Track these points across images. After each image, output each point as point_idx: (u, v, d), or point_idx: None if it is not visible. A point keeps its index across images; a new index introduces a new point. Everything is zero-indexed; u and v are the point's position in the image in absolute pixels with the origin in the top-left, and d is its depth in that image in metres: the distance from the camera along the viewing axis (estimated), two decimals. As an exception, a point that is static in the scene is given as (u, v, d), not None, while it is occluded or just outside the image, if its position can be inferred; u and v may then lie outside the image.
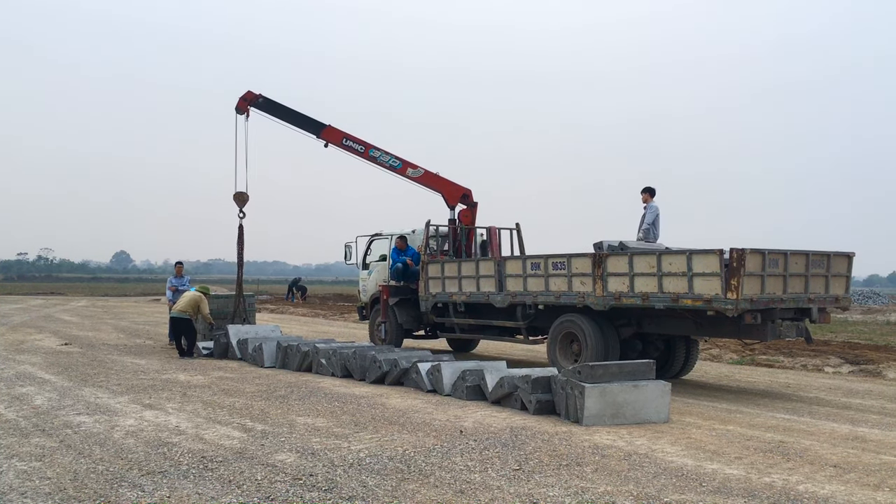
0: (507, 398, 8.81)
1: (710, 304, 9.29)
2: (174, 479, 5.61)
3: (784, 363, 14.38)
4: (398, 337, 14.79)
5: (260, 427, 7.49)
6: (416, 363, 10.30)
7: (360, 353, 11.23)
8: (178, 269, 17.52)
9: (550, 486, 5.52)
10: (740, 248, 9.00)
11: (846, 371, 13.44)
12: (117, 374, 11.46)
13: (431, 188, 15.49)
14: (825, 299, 10.14)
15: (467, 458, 6.29)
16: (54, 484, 5.47)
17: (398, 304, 14.67)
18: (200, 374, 11.62)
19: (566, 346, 11.43)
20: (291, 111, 16.23)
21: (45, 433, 7.14)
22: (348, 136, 15.89)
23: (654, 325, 10.88)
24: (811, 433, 7.73)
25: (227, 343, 13.96)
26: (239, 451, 6.48)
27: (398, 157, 15.60)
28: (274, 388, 10.17)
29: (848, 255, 10.44)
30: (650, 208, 11.89)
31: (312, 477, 5.67)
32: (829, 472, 6.11)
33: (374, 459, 6.20)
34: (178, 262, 17.96)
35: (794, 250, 9.65)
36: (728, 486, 5.57)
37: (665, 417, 8.10)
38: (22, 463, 6.04)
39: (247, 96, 16.05)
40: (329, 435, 7.15)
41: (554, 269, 11.26)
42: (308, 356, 12.07)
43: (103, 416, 8.03)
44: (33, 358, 13.46)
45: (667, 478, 5.78)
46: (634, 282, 10.05)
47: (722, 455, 6.59)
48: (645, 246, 11.06)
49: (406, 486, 5.48)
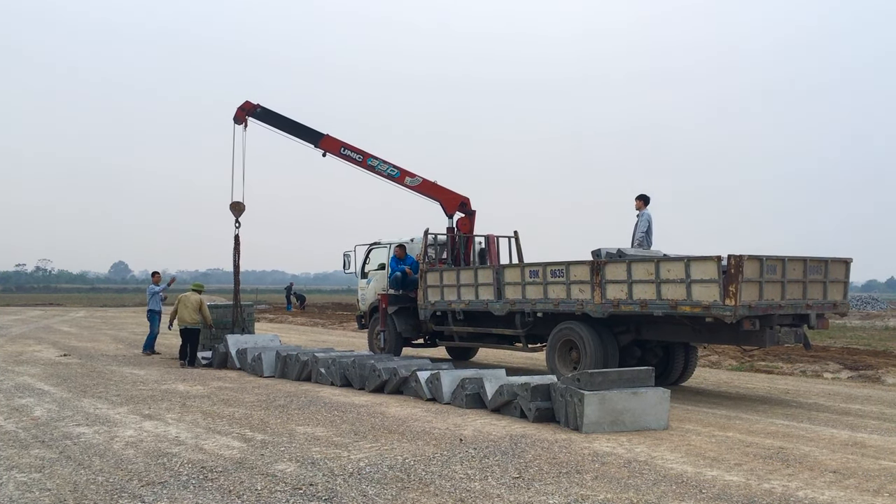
0: (506, 406, 8.81)
1: (708, 311, 9.30)
2: (174, 489, 5.61)
3: (783, 369, 14.38)
4: (397, 345, 14.79)
5: (260, 437, 7.49)
6: (415, 372, 10.30)
7: (360, 361, 11.23)
8: (156, 278, 17.78)
9: (550, 493, 5.52)
10: (738, 254, 9.02)
11: (845, 377, 13.45)
12: (116, 384, 11.45)
13: (430, 197, 15.52)
14: (823, 305, 10.16)
15: (467, 467, 6.29)
16: (54, 495, 5.46)
17: (397, 312, 14.68)
18: (200, 384, 11.61)
19: (565, 353, 11.43)
20: (289, 121, 16.27)
21: (45, 444, 7.14)
22: (346, 146, 15.92)
23: (653, 331, 10.88)
24: (810, 439, 7.73)
25: (226, 353, 13.95)
26: (239, 461, 6.48)
27: (396, 166, 15.63)
28: (273, 397, 10.16)
29: (845, 260, 10.47)
30: (643, 216, 11.88)
31: (312, 486, 5.67)
32: (829, 477, 6.12)
33: (373, 468, 6.20)
34: (155, 272, 18.27)
35: (792, 256, 9.68)
36: (728, 493, 5.57)
37: (664, 424, 8.11)
38: (22, 474, 6.04)
39: (245, 106, 16.08)
40: (329, 444, 7.15)
41: (552, 276, 11.27)
42: (307, 365, 12.07)
43: (103, 426, 8.03)
44: (32, 369, 13.45)
45: (667, 485, 5.78)
46: (633, 289, 10.07)
47: (722, 461, 6.59)
48: (643, 253, 11.08)
49: (406, 495, 5.48)
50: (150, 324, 16.85)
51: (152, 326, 16.80)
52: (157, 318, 16.87)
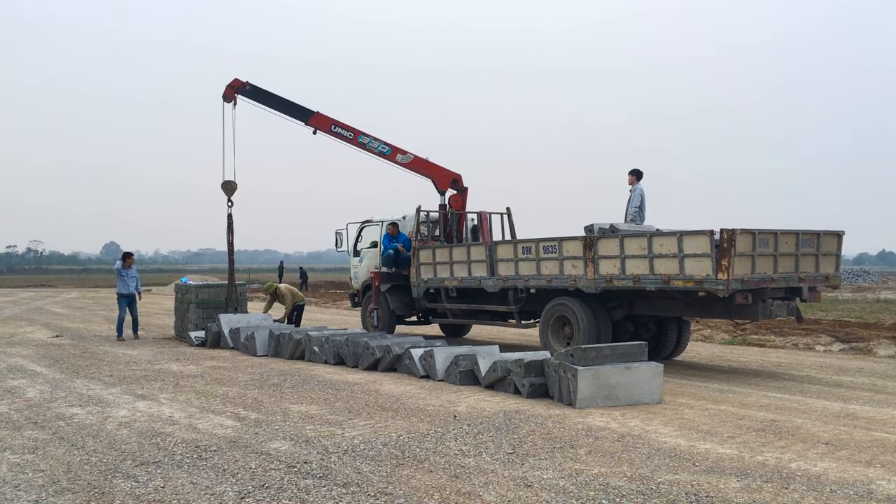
0: (500, 382, 8.83)
1: (701, 285, 9.31)
2: (168, 469, 5.60)
3: (775, 342, 14.46)
4: (390, 323, 14.79)
5: (253, 415, 7.48)
6: (408, 349, 10.30)
7: (353, 339, 11.22)
8: (129, 260, 15.93)
9: (544, 468, 5.54)
10: (730, 228, 9.01)
11: (837, 349, 13.53)
12: (109, 365, 11.41)
13: (421, 173, 15.45)
14: (815, 278, 10.18)
15: (461, 443, 6.30)
16: (48, 476, 5.44)
17: (390, 290, 14.66)
18: (193, 363, 11.59)
19: (558, 329, 11.45)
20: (279, 98, 16.13)
21: (38, 426, 7.11)
22: (337, 123, 15.81)
23: (646, 306, 10.90)
24: (803, 411, 7.78)
25: (219, 332, 13.93)
26: (233, 439, 6.47)
27: (387, 143, 15.53)
28: (267, 376, 10.15)
29: (837, 233, 10.48)
30: (636, 191, 11.84)
31: (307, 464, 5.66)
32: (821, 449, 6.15)
33: (368, 446, 6.21)
34: (128, 254, 16.31)
35: (784, 230, 9.68)
36: (721, 466, 5.60)
37: (657, 398, 8.14)
38: (15, 456, 6.02)
39: (234, 83, 15.92)
40: (323, 422, 7.15)
41: (545, 252, 11.25)
42: (301, 344, 12.06)
43: (96, 407, 8.00)
44: (24, 350, 13.40)
45: (660, 458, 5.80)
46: (625, 264, 10.07)
47: (715, 435, 6.62)
48: (635, 228, 11.07)
49: (401, 471, 5.49)
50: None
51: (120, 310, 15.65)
52: (125, 302, 15.61)
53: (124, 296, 15.64)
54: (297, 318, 15.67)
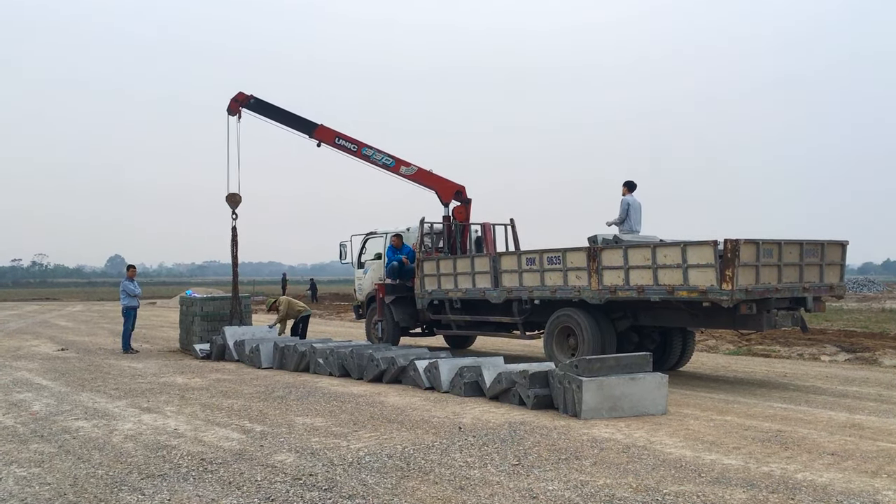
0: (504, 394, 8.83)
1: (705, 296, 9.30)
2: (174, 482, 5.61)
3: (780, 352, 14.43)
4: (395, 335, 14.79)
5: (259, 428, 7.49)
6: (413, 361, 10.31)
7: (358, 351, 11.23)
8: (131, 271, 16.37)
9: (550, 480, 5.53)
10: (734, 238, 9.02)
11: (842, 359, 13.49)
12: (115, 378, 11.44)
13: (425, 185, 15.50)
14: (820, 288, 10.17)
15: (466, 455, 6.30)
16: (54, 489, 5.46)
17: (394, 302, 14.67)
18: (198, 376, 11.61)
19: (563, 340, 11.44)
20: (283, 111, 16.21)
21: (44, 439, 7.13)
22: (341, 136, 15.88)
23: (650, 317, 10.90)
24: (808, 422, 7.76)
25: (224, 345, 13.95)
26: (238, 452, 6.48)
27: (391, 156, 15.59)
28: (272, 388, 10.16)
29: (842, 243, 10.47)
30: (622, 202, 12.03)
31: (312, 476, 5.67)
32: (827, 459, 6.14)
33: (373, 458, 6.21)
34: (131, 266, 16.71)
35: (789, 240, 9.68)
36: (727, 476, 5.59)
37: (663, 409, 8.13)
38: (21, 469, 6.03)
39: (238, 97, 16.02)
40: (328, 434, 7.16)
41: (549, 263, 11.26)
42: (305, 356, 12.07)
43: (102, 420, 8.02)
44: (30, 364, 13.43)
45: (665, 469, 5.80)
46: (630, 275, 10.07)
47: (720, 445, 6.61)
48: (640, 239, 11.08)
49: (406, 483, 5.49)
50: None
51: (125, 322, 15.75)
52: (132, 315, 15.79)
53: (131, 308, 15.77)
54: (303, 329, 15.64)
